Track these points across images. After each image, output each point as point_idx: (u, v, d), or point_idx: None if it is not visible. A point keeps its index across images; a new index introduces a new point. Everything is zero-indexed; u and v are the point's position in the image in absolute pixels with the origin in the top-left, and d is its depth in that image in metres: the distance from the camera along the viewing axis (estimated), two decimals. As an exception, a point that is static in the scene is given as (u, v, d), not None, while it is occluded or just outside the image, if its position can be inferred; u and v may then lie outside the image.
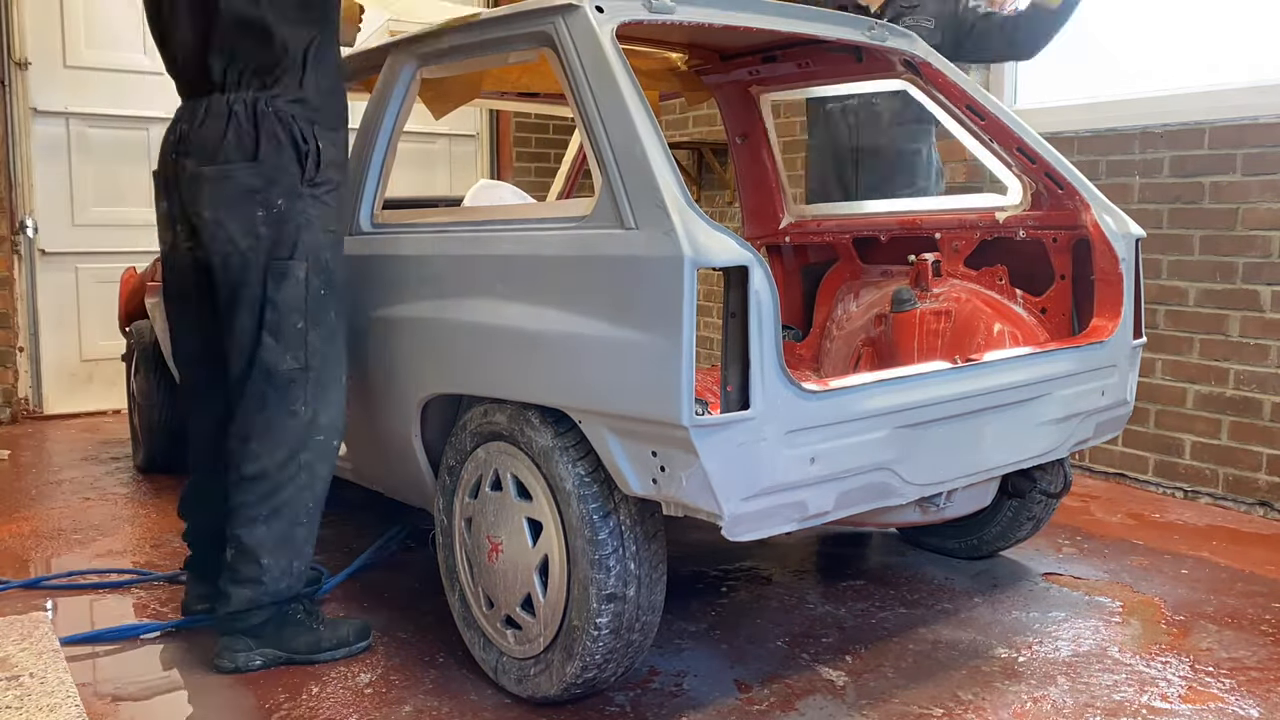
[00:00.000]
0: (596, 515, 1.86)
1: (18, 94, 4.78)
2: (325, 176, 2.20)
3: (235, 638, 2.22)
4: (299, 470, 2.20)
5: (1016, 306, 2.63)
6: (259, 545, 2.19)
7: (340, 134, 2.26)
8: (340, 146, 2.26)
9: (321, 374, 2.21)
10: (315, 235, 2.18)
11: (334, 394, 2.25)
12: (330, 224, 2.22)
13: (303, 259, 2.16)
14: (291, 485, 2.20)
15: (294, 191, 2.15)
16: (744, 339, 1.71)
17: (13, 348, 4.85)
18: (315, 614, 2.31)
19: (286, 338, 2.17)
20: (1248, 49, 3.45)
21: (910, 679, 2.18)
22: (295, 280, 2.16)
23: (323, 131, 2.19)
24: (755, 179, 3.34)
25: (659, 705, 2.06)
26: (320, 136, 2.18)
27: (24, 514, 3.40)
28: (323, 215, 2.20)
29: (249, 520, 2.19)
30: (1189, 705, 2.06)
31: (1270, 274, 3.31)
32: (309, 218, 2.17)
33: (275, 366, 2.17)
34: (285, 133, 2.14)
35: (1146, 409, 3.63)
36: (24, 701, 1.90)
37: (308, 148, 2.16)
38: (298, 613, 2.27)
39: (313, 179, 2.17)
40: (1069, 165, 2.53)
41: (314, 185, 2.18)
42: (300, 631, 2.25)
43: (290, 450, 2.19)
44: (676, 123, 5.69)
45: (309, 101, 2.18)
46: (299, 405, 2.19)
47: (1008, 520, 2.76)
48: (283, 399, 2.18)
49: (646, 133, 1.81)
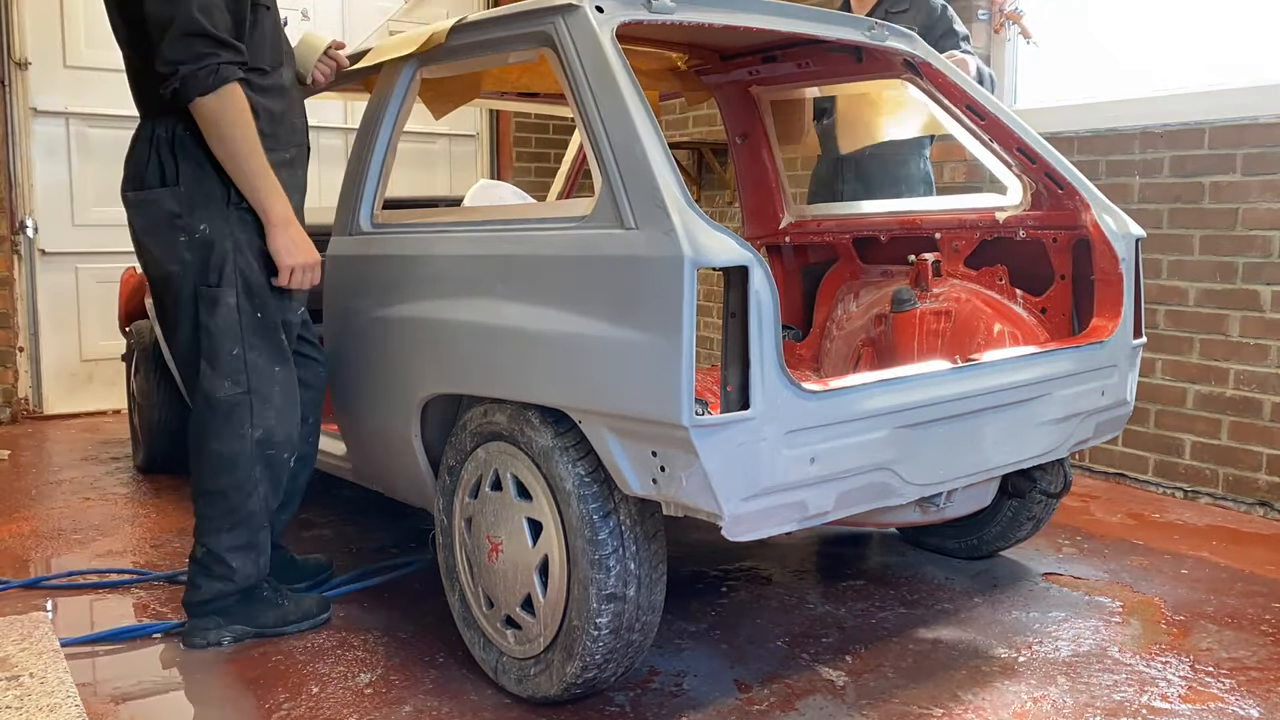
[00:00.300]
0: (596, 515, 1.86)
1: (18, 94, 4.78)
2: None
3: (205, 618, 2.32)
4: (255, 485, 2.27)
5: (1016, 306, 2.63)
6: (226, 550, 2.29)
7: (279, 154, 2.22)
8: (278, 167, 2.20)
9: (269, 394, 2.23)
10: (245, 258, 2.18)
11: (285, 409, 2.28)
12: (263, 242, 2.19)
13: (231, 285, 2.17)
14: (251, 500, 2.27)
15: (219, 214, 2.15)
16: (744, 339, 1.71)
17: (13, 348, 4.85)
18: (279, 590, 2.42)
19: (222, 364, 2.19)
20: (1248, 49, 3.45)
21: (910, 679, 2.18)
22: (226, 307, 2.17)
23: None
24: (755, 179, 3.34)
25: (659, 705, 2.06)
26: None
27: (24, 514, 3.40)
28: (252, 235, 2.19)
29: (215, 530, 2.29)
30: (1189, 705, 2.06)
31: (1270, 274, 3.31)
32: (236, 240, 2.17)
33: (213, 393, 2.20)
34: (205, 154, 2.12)
35: (1146, 409, 3.63)
36: (24, 701, 1.90)
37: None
38: (264, 590, 2.38)
39: (239, 201, 2.16)
40: (1069, 165, 2.53)
41: (240, 206, 2.16)
42: (267, 607, 2.37)
43: (245, 470, 2.25)
44: (676, 123, 5.69)
45: None
46: (245, 428, 2.22)
47: (1008, 520, 2.76)
48: (228, 423, 2.21)
49: (646, 133, 1.81)
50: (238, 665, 2.25)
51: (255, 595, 2.37)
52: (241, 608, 2.35)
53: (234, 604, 2.34)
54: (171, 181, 2.14)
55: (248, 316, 2.19)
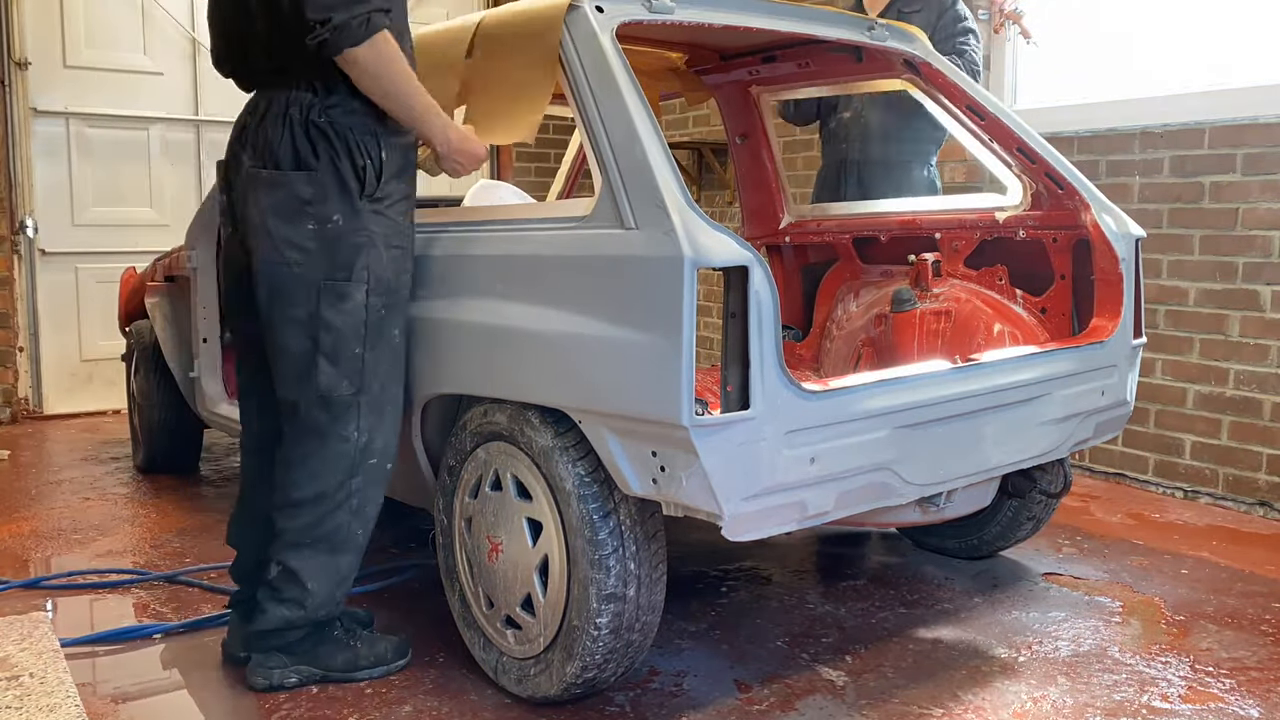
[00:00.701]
0: (596, 515, 1.86)
1: (18, 94, 4.78)
2: (388, 190, 2.06)
3: (270, 654, 2.13)
4: (349, 496, 2.11)
5: (1016, 306, 2.63)
6: (304, 569, 2.10)
7: (407, 136, 2.10)
8: (407, 152, 2.11)
9: (378, 397, 2.10)
10: (377, 253, 2.05)
11: (389, 417, 2.14)
12: (395, 239, 2.09)
13: (361, 280, 2.04)
14: (342, 511, 2.11)
15: (352, 206, 2.02)
16: (744, 339, 1.71)
17: (13, 348, 4.85)
18: (353, 630, 2.23)
19: (343, 363, 2.05)
20: (1248, 49, 3.45)
21: (910, 679, 2.18)
22: (354, 303, 2.04)
23: (387, 139, 2.05)
24: (755, 179, 3.34)
25: (659, 705, 2.06)
26: (384, 146, 2.05)
27: (24, 514, 3.40)
28: (386, 231, 2.06)
29: (295, 545, 2.10)
30: (1189, 705, 2.06)
31: (1270, 274, 3.31)
32: (370, 234, 2.04)
33: (330, 392, 2.05)
34: (342, 144, 2.00)
35: (1146, 409, 3.63)
36: (24, 701, 1.90)
37: (365, 161, 2.02)
38: (334, 629, 2.19)
39: (373, 194, 2.04)
40: (1069, 165, 2.53)
41: (375, 200, 2.04)
42: (337, 649, 2.17)
43: (342, 476, 2.09)
44: (676, 123, 5.69)
45: (367, 110, 2.02)
46: (352, 430, 2.08)
47: (1008, 520, 2.76)
48: (336, 424, 2.07)
49: (646, 133, 1.81)
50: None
51: (325, 635, 2.17)
52: (308, 646, 2.15)
53: (301, 640, 2.15)
54: (305, 165, 2.00)
55: (374, 314, 2.06)
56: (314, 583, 2.10)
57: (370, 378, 2.09)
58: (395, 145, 2.08)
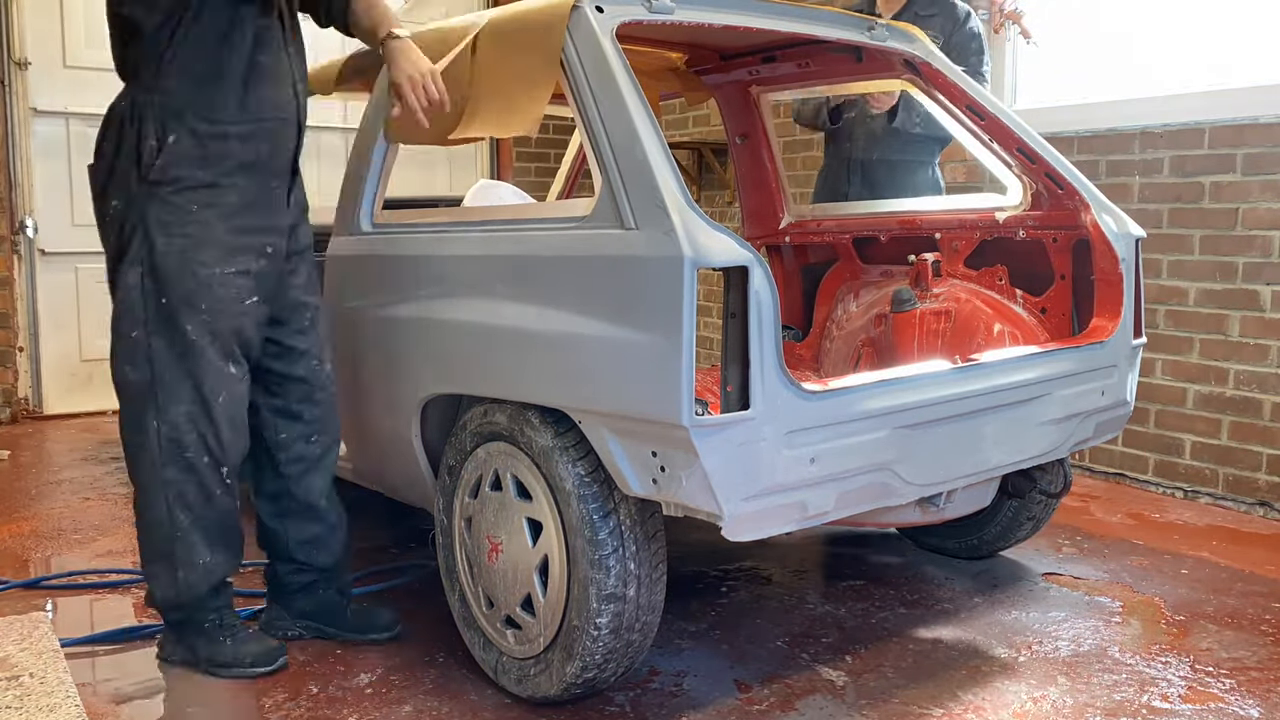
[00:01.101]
0: (596, 515, 1.86)
1: (18, 94, 4.78)
2: (173, 174, 2.00)
3: (166, 630, 2.26)
4: (162, 484, 2.08)
5: (1016, 306, 2.63)
6: (143, 554, 2.18)
7: (222, 126, 2.02)
8: (212, 138, 2.02)
9: (176, 389, 2.05)
10: (151, 238, 2.01)
11: (199, 412, 2.08)
12: (179, 227, 2.01)
13: (136, 263, 2.02)
14: (157, 496, 2.10)
15: (128, 191, 2.02)
16: (744, 339, 1.71)
17: (13, 348, 4.85)
18: (228, 626, 2.21)
19: (124, 346, 2.05)
20: (1248, 49, 3.45)
21: (910, 679, 2.18)
22: (127, 286, 2.03)
23: (189, 122, 1.99)
24: (755, 179, 3.34)
25: (659, 705, 2.06)
26: (177, 129, 1.99)
27: (24, 514, 3.40)
28: (167, 217, 2.01)
29: (138, 523, 2.17)
30: (1189, 705, 2.06)
31: (1270, 274, 3.31)
32: (145, 219, 2.01)
33: (115, 375, 2.08)
34: (132, 128, 2.00)
35: (1146, 409, 3.63)
36: (24, 701, 1.90)
37: (149, 144, 1.99)
38: (206, 621, 2.20)
39: (149, 177, 1.99)
40: (1069, 165, 2.53)
41: (154, 184, 2.00)
42: (204, 641, 2.20)
43: (150, 466, 2.08)
44: (676, 123, 5.69)
45: (171, 91, 1.99)
46: (150, 419, 2.05)
47: (1008, 520, 2.76)
48: (132, 412, 2.07)
49: (646, 133, 1.81)
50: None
51: (196, 625, 2.19)
52: (185, 630, 2.20)
53: (175, 624, 2.21)
54: (97, 155, 2.10)
55: (151, 299, 2.02)
56: (152, 566, 2.16)
57: (162, 367, 2.04)
58: (195, 129, 2.01)
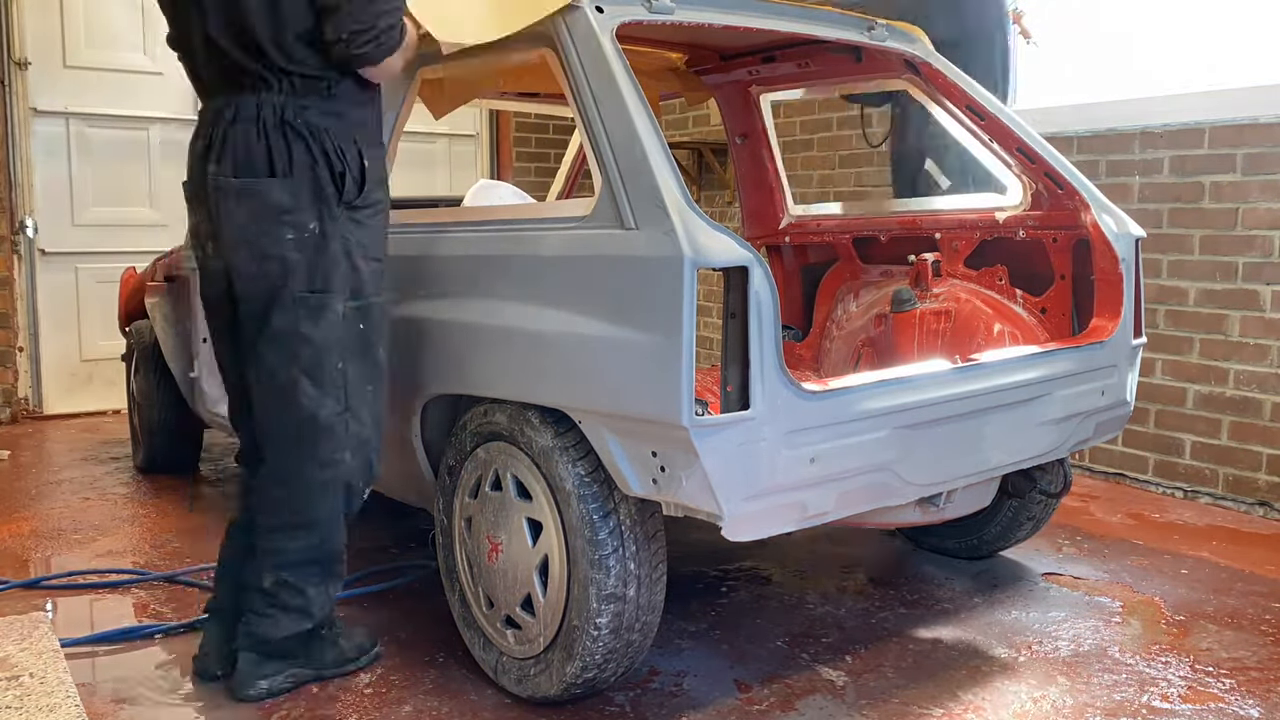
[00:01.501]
0: (596, 515, 1.86)
1: (18, 94, 4.78)
2: (369, 198, 1.99)
3: (263, 663, 2.08)
4: (338, 518, 2.08)
5: (1016, 306, 2.63)
6: (303, 580, 2.07)
7: (383, 150, 2.07)
8: (383, 160, 2.07)
9: (363, 416, 2.04)
10: (355, 264, 1.98)
11: (374, 438, 2.08)
12: (375, 251, 2.02)
13: (341, 291, 1.96)
14: (334, 529, 2.08)
15: (330, 214, 1.94)
16: (744, 339, 1.71)
17: (13, 348, 4.85)
18: (336, 627, 2.22)
19: (325, 380, 1.97)
20: (1248, 49, 3.45)
21: (910, 679, 2.18)
22: (333, 315, 1.95)
23: (366, 146, 1.99)
24: (755, 179, 3.34)
25: (659, 705, 2.06)
26: (365, 152, 1.98)
27: (24, 514, 3.40)
28: (365, 241, 1.99)
29: (295, 564, 2.06)
30: (1189, 705, 2.06)
31: (1270, 274, 3.31)
32: (348, 244, 1.96)
33: (315, 412, 1.97)
34: (319, 147, 1.92)
35: (1146, 409, 3.63)
36: (24, 701, 1.90)
37: (344, 167, 1.94)
38: (324, 629, 2.18)
39: (352, 201, 1.96)
40: (1069, 165, 2.53)
41: (354, 208, 1.96)
42: (326, 647, 2.17)
43: (334, 504, 2.05)
44: (676, 123, 5.69)
45: (345, 114, 1.97)
46: (341, 453, 2.02)
47: (1008, 520, 2.76)
48: (323, 445, 2.00)
49: (646, 133, 1.81)
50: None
51: (315, 634, 2.15)
52: (302, 648, 2.13)
53: (298, 644, 2.12)
54: (282, 172, 1.90)
55: (352, 327, 1.98)
56: (313, 589, 2.09)
57: (354, 396, 2.01)
58: (373, 154, 2.02)
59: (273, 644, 2.09)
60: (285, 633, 2.08)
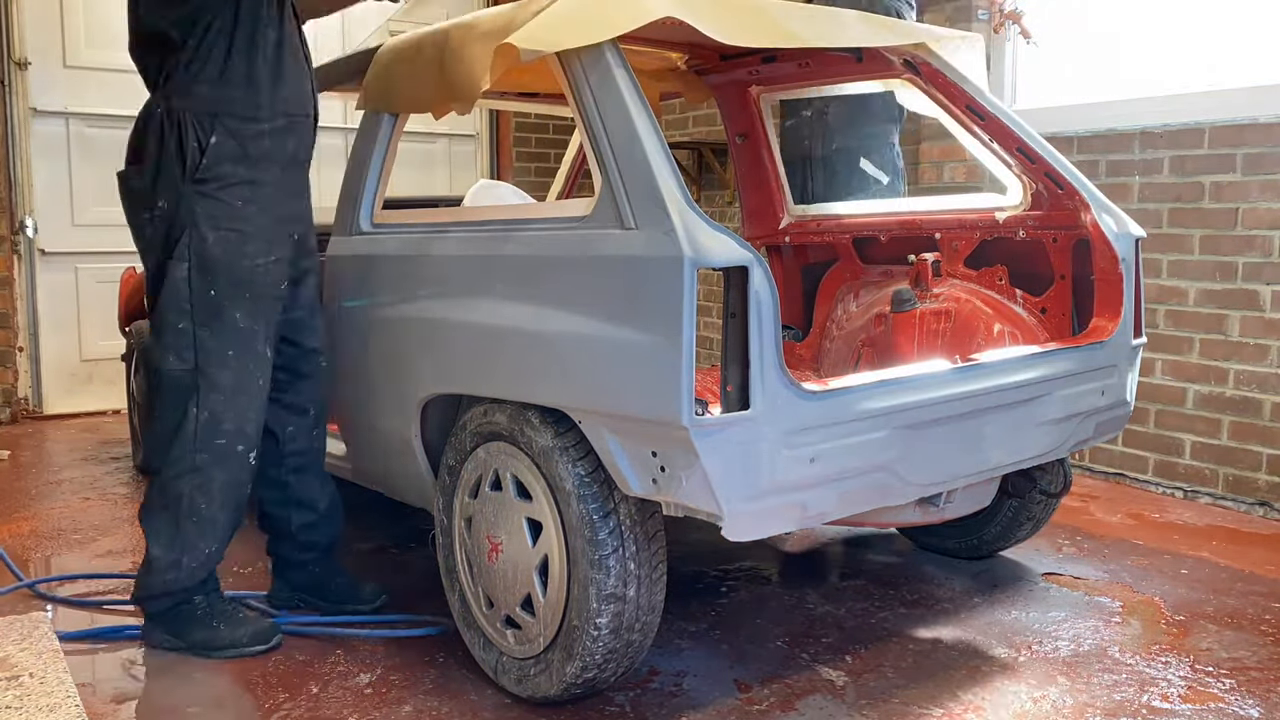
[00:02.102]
0: (596, 515, 1.86)
1: (18, 94, 4.78)
2: (216, 172, 2.13)
3: (150, 619, 2.31)
4: (191, 470, 2.20)
5: (1016, 306, 2.63)
6: (151, 535, 2.25)
7: (257, 125, 2.16)
8: (250, 137, 2.16)
9: (218, 378, 2.18)
10: (200, 234, 2.13)
11: (240, 400, 2.21)
12: (229, 223, 2.15)
13: (182, 258, 2.13)
14: (182, 482, 2.20)
15: (176, 191, 2.12)
16: (744, 339, 1.71)
17: (13, 348, 4.85)
18: (219, 610, 2.30)
19: (168, 338, 2.16)
20: (1248, 49, 3.45)
21: (910, 679, 2.18)
22: (174, 280, 2.14)
23: (225, 122, 2.12)
24: (755, 179, 3.34)
25: (659, 705, 2.06)
26: (218, 129, 2.11)
27: (24, 514, 3.40)
28: (214, 213, 2.13)
29: (146, 509, 2.26)
30: (1189, 705, 2.06)
31: (1270, 274, 3.31)
32: (194, 216, 2.12)
33: (159, 365, 2.18)
34: (173, 132, 2.10)
35: (1146, 409, 3.63)
36: (24, 701, 1.90)
37: (193, 145, 2.10)
38: (198, 607, 2.28)
39: (195, 175, 2.11)
40: (1069, 165, 2.53)
41: (200, 182, 2.11)
42: (195, 625, 2.27)
43: (181, 449, 2.19)
44: (676, 123, 5.69)
45: (206, 96, 2.11)
46: (190, 406, 2.17)
47: (1008, 520, 2.76)
48: (172, 398, 2.18)
49: (646, 133, 1.81)
50: (237, 665, 2.24)
51: (184, 611, 2.28)
52: (172, 616, 2.28)
53: (165, 610, 2.27)
54: (138, 159, 2.15)
55: (198, 292, 2.14)
56: (158, 549, 2.23)
57: (205, 357, 2.16)
58: (234, 130, 2.14)
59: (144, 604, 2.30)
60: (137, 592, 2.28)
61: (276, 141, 2.20)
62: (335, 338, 2.52)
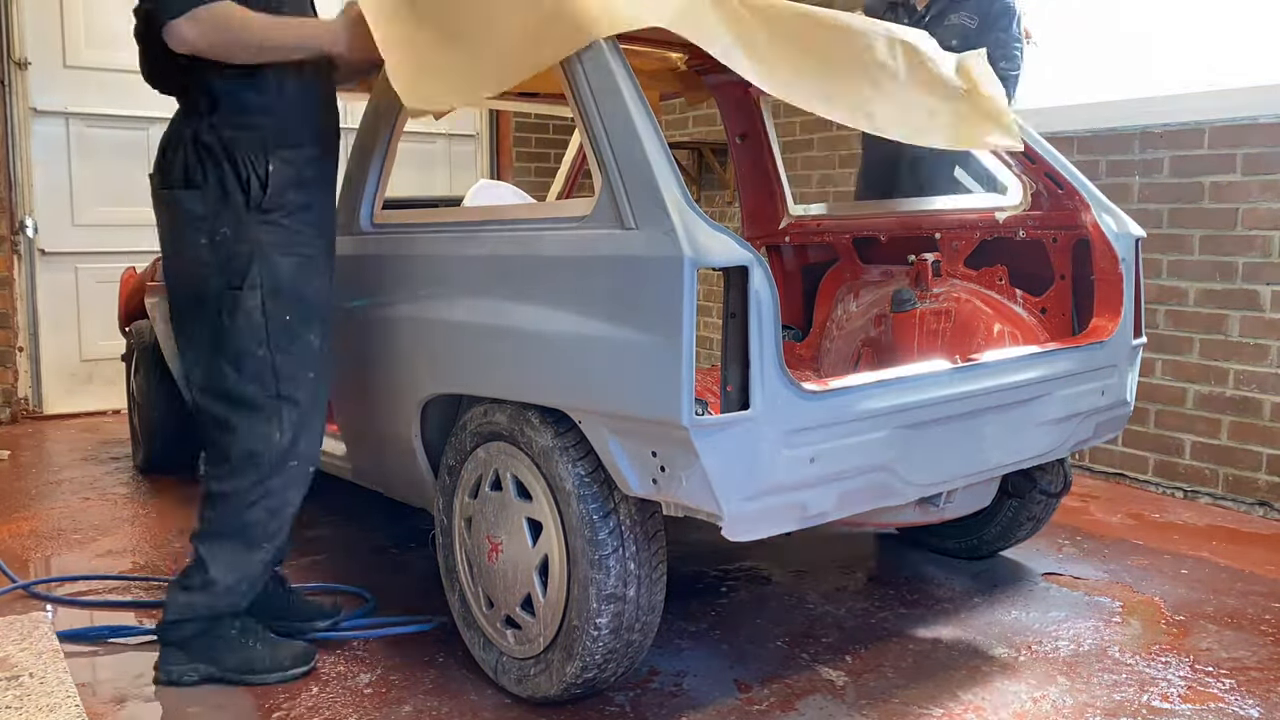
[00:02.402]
0: (596, 515, 1.86)
1: (18, 94, 4.78)
2: (279, 201, 2.12)
3: (170, 650, 2.19)
4: (266, 495, 2.17)
5: (1016, 306, 2.63)
6: (213, 559, 2.17)
7: (305, 150, 2.17)
8: (303, 164, 2.16)
9: (298, 400, 2.17)
10: (271, 261, 2.12)
11: (314, 420, 2.21)
12: (292, 248, 2.15)
13: (254, 287, 2.11)
14: (257, 509, 2.17)
15: (239, 219, 2.10)
16: (744, 339, 1.71)
17: (13, 348, 4.85)
18: (253, 632, 2.24)
19: (248, 368, 2.12)
20: (1248, 49, 3.45)
21: (910, 679, 2.18)
22: (247, 309, 2.11)
23: (276, 153, 2.12)
24: (755, 179, 3.34)
25: (659, 705, 2.06)
26: (272, 159, 2.11)
27: (24, 514, 3.40)
28: (279, 240, 2.13)
29: (208, 534, 2.18)
30: (1189, 705, 2.06)
31: (1270, 274, 3.31)
32: (260, 245, 2.11)
33: (240, 395, 2.13)
34: (228, 161, 2.09)
35: (1146, 409, 3.63)
36: (24, 701, 1.90)
37: (250, 175, 2.09)
38: (231, 629, 2.21)
39: (261, 205, 2.10)
40: (1069, 165, 2.52)
41: (265, 211, 2.11)
42: (231, 649, 2.20)
43: (259, 476, 2.15)
44: (676, 123, 5.69)
45: (254, 124, 2.10)
46: (274, 432, 2.15)
47: (1008, 520, 2.76)
48: (254, 425, 2.13)
49: (646, 133, 1.81)
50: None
51: (222, 633, 2.21)
52: (204, 642, 2.19)
53: (197, 637, 2.19)
54: (194, 184, 2.10)
55: (274, 319, 2.13)
56: (218, 573, 2.17)
57: (285, 382, 2.15)
58: (287, 159, 2.13)
59: (174, 629, 2.20)
60: (177, 616, 2.18)
61: (325, 166, 2.24)
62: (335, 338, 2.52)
